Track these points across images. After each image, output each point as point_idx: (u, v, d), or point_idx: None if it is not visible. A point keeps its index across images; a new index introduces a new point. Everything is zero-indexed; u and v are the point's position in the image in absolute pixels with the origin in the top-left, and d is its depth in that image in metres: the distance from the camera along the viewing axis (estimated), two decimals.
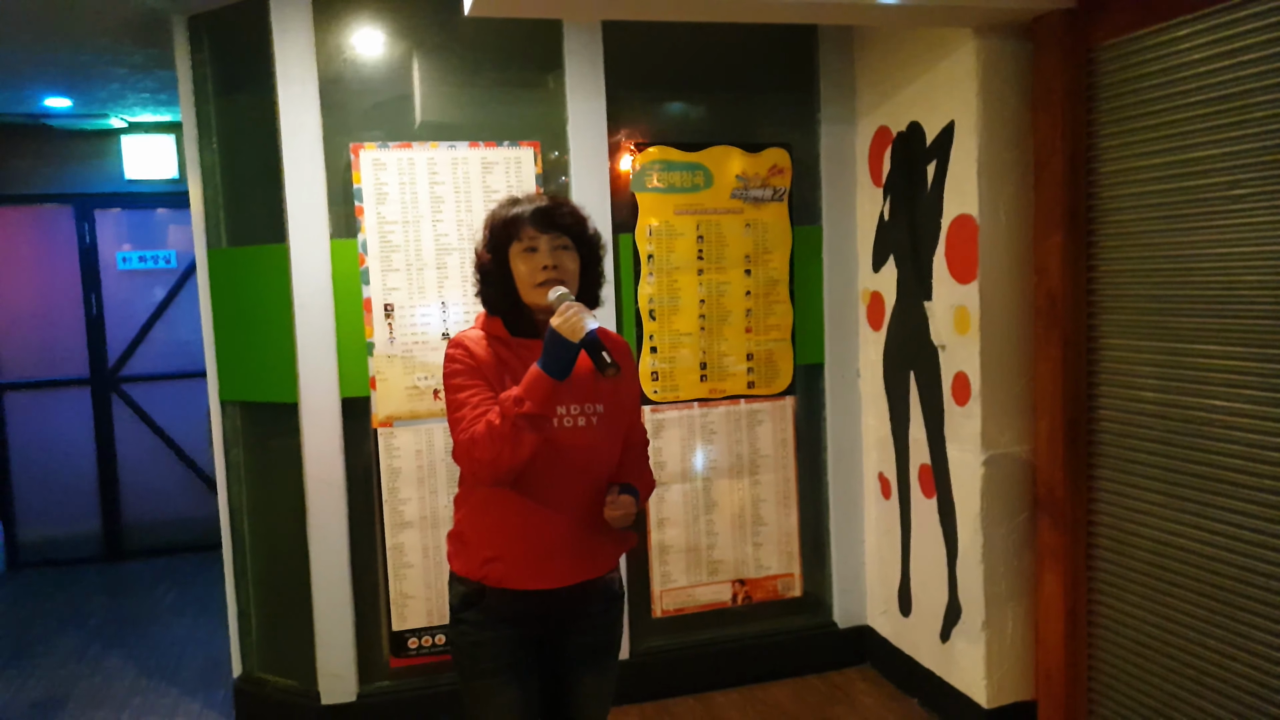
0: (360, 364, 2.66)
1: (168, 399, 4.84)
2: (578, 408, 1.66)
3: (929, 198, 2.66)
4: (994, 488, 2.53)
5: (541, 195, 1.71)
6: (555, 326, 1.55)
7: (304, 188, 2.60)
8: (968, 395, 2.55)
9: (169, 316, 4.86)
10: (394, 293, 2.66)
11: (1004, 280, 2.49)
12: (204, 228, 2.78)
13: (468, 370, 1.65)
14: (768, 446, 3.04)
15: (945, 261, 2.62)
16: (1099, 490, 2.40)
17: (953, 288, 2.59)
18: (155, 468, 4.85)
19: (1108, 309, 2.33)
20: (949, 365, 2.63)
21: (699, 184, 2.91)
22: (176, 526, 4.86)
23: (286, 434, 2.72)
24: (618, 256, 2.85)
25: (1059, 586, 2.47)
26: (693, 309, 2.94)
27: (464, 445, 1.58)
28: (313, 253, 2.61)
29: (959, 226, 2.55)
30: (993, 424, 2.51)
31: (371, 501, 2.71)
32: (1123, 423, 2.31)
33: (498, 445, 1.54)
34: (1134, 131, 2.21)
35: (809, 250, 3.04)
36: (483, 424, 1.57)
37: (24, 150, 4.58)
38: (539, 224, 1.66)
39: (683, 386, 2.95)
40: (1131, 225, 2.24)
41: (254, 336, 2.74)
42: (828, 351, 3.07)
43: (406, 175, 2.65)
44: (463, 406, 1.62)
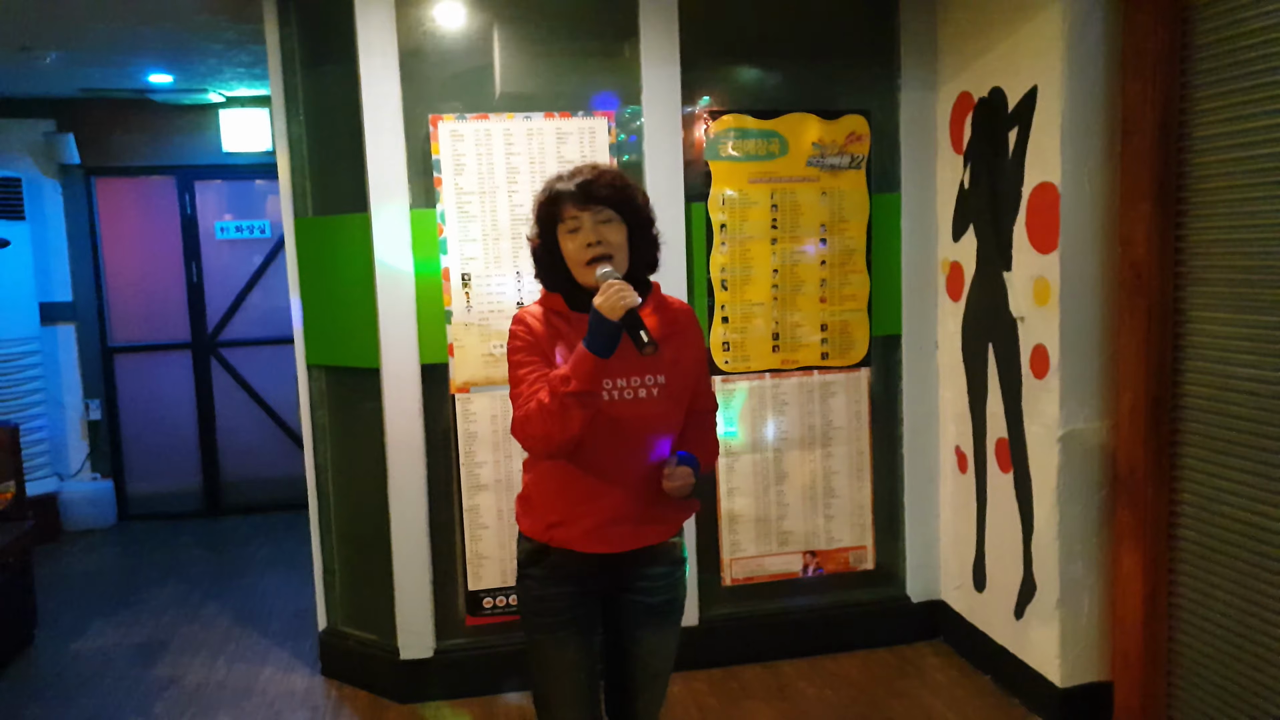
0: (439, 331, 2.72)
1: (262, 363, 5.10)
2: (639, 379, 1.67)
3: (1010, 165, 2.62)
4: (1072, 464, 2.50)
5: (585, 169, 1.69)
6: (596, 305, 1.57)
7: (385, 158, 2.65)
8: (1046, 368, 2.52)
9: (263, 284, 5.10)
10: (471, 262, 2.72)
11: (1086, 251, 2.45)
12: (291, 197, 2.87)
13: (527, 346, 1.68)
14: (841, 418, 3.05)
15: (1026, 231, 2.58)
16: (1182, 469, 2.34)
17: (1033, 258, 2.55)
18: (251, 429, 5.13)
19: (1196, 280, 2.26)
20: (1028, 337, 2.60)
21: (774, 152, 2.90)
22: (270, 485, 5.13)
23: (369, 398, 2.80)
24: (690, 226, 2.86)
25: (1138, 567, 2.43)
26: (765, 279, 2.95)
27: (519, 422, 1.63)
28: (393, 222, 2.67)
29: (1040, 195, 2.51)
30: (1072, 398, 2.48)
31: (449, 464, 2.79)
32: (1210, 399, 2.25)
33: (548, 423, 1.58)
34: (1230, 94, 2.13)
35: (887, 219, 3.02)
36: (534, 402, 1.60)
37: (130, 124, 4.84)
38: (579, 200, 1.65)
39: (754, 357, 2.97)
40: (1224, 193, 2.17)
41: (338, 303, 2.82)
42: (905, 323, 3.06)
43: (483, 146, 2.70)
44: (520, 383, 1.66)
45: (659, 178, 2.80)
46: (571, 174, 1.70)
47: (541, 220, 1.70)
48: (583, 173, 1.69)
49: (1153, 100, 2.26)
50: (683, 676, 2.94)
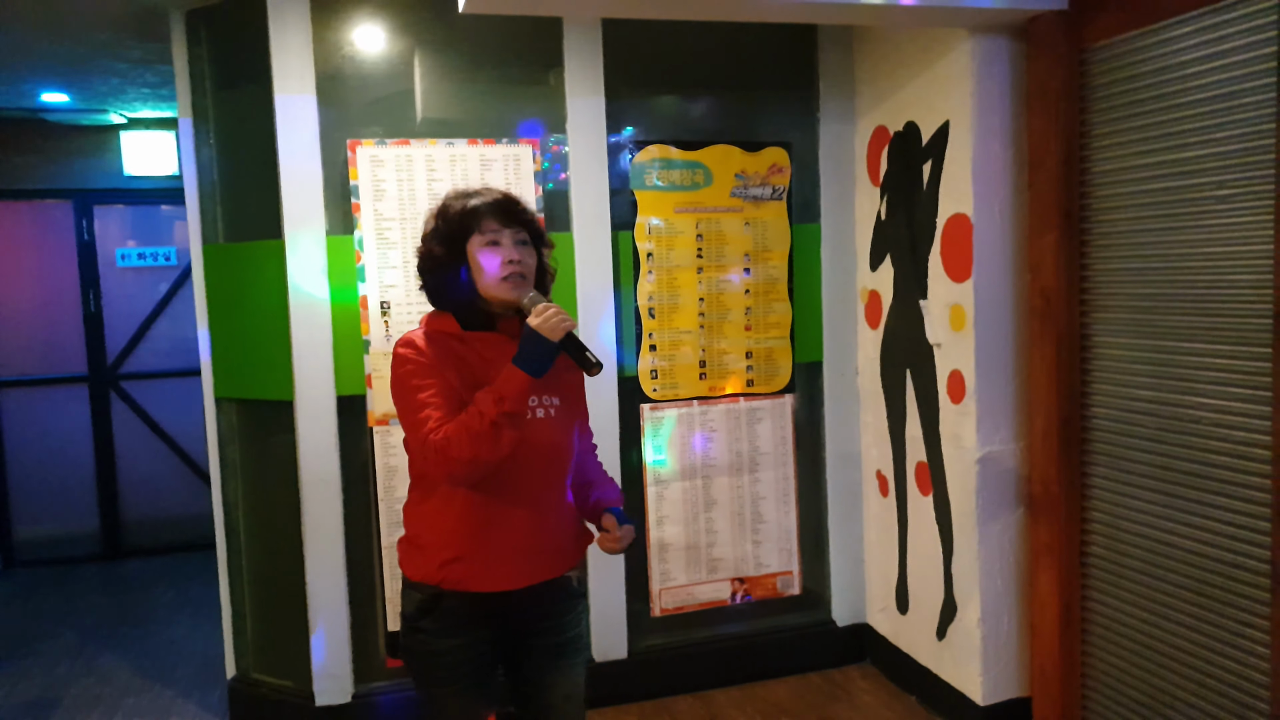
0: (356, 362, 2.68)
1: (167, 396, 4.91)
2: (536, 399, 1.67)
3: (925, 197, 2.70)
4: (989, 485, 2.57)
5: (490, 189, 1.70)
6: (535, 326, 1.56)
7: (300, 183, 2.62)
8: (963, 393, 2.59)
9: (170, 313, 4.92)
10: (390, 290, 2.69)
11: (998, 278, 2.53)
12: (200, 223, 2.79)
13: (425, 368, 1.62)
14: (767, 444, 3.08)
15: (941, 260, 2.65)
16: (1092, 488, 2.44)
17: (948, 286, 2.63)
18: (154, 465, 4.92)
19: (1100, 307, 2.37)
20: (944, 363, 2.67)
21: (699, 182, 2.94)
22: (175, 524, 4.93)
23: (282, 431, 2.74)
24: (617, 254, 2.88)
25: (1053, 583, 2.51)
26: (692, 307, 2.98)
27: (437, 446, 1.55)
28: (309, 249, 2.63)
29: (954, 225, 2.59)
30: (987, 421, 2.56)
31: (368, 500, 2.74)
32: (1115, 420, 2.35)
33: (477, 444, 1.53)
34: (1126, 131, 2.26)
35: (808, 249, 3.08)
36: (457, 423, 1.55)
37: (23, 145, 4.64)
38: (501, 217, 1.65)
39: (682, 384, 3.00)
40: (1124, 224, 2.29)
41: (249, 333, 2.76)
42: (826, 350, 3.11)
43: (404, 172, 2.68)
44: (423, 407, 1.59)
45: (585, 205, 2.82)
46: (482, 191, 1.69)
47: (451, 227, 1.66)
48: (493, 192, 1.69)
49: (1056, 136, 2.38)
50: (613, 711, 2.91)
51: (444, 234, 1.67)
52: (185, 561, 4.76)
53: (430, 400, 1.59)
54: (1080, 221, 2.40)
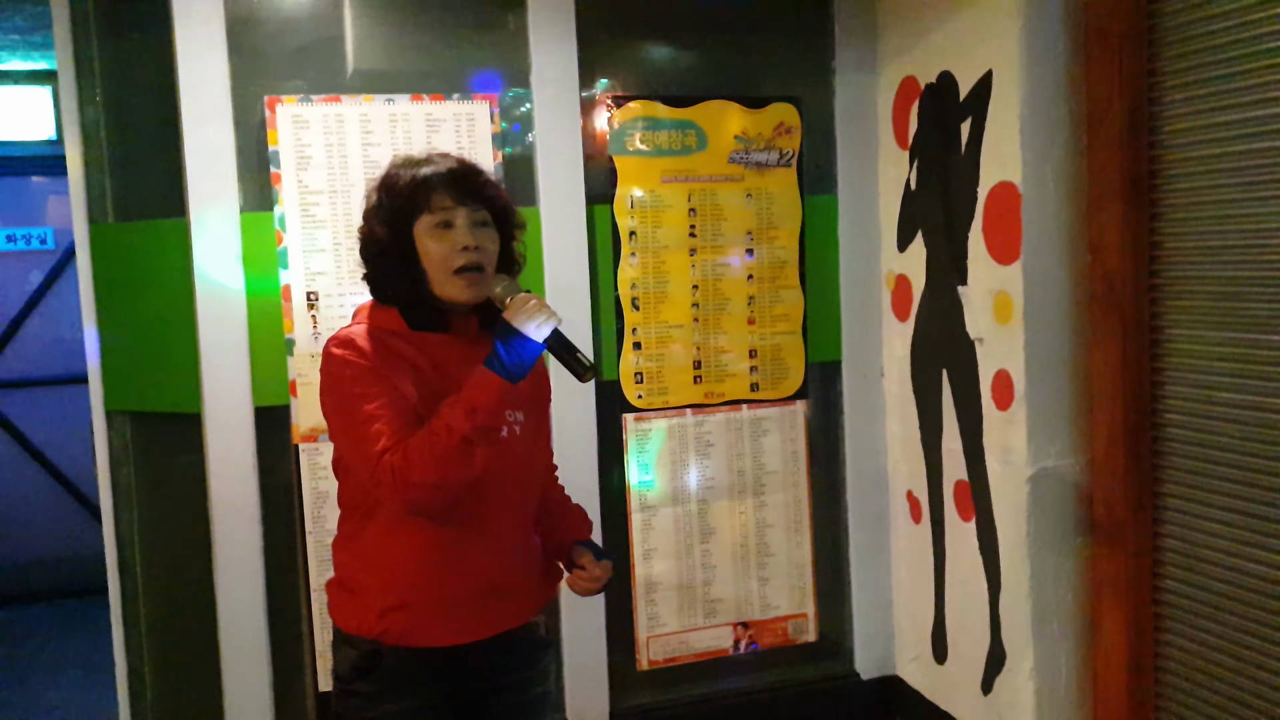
0: (278, 365, 2.67)
1: (45, 410, 4.84)
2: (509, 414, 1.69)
3: (963, 162, 2.70)
4: (1043, 508, 2.57)
5: (443, 157, 1.69)
6: (515, 322, 1.56)
7: (208, 150, 2.60)
8: (1010, 398, 2.58)
9: (45, 308, 4.87)
10: (319, 278, 2.69)
11: (1052, 260, 2.52)
12: (85, 199, 2.75)
13: (369, 373, 1.61)
14: (775, 461, 3.10)
15: (983, 238, 2.65)
16: (1166, 510, 2.44)
17: (992, 269, 2.62)
18: (29, 494, 4.85)
19: (1175, 294, 2.36)
20: (988, 362, 2.66)
21: (690, 145, 2.95)
22: (56, 565, 4.86)
23: (188, 451, 2.72)
24: (593, 233, 2.88)
25: (1120, 625, 2.51)
26: (684, 296, 2.99)
27: (394, 467, 1.54)
28: (219, 229, 2.62)
29: (999, 196, 2.58)
30: (1040, 431, 2.55)
31: (293, 532, 2.73)
32: (1193, 429, 2.35)
33: (445, 465, 1.52)
34: (1204, 83, 2.24)
35: (823, 225, 3.09)
36: (418, 440, 1.54)
37: None
38: (455, 192, 1.64)
39: (673, 390, 3.01)
40: (1203, 194, 2.28)
41: (148, 332, 2.75)
42: (845, 346, 3.12)
43: (334, 135, 2.67)
44: (374, 419, 1.58)
45: (554, 175, 2.82)
46: (436, 158, 1.69)
47: (395, 204, 1.66)
48: (448, 159, 1.68)
49: (1120, 88, 2.37)
50: None
51: (387, 211, 1.66)
52: (70, 609, 4.69)
53: (379, 412, 1.58)
54: (1150, 191, 2.39)
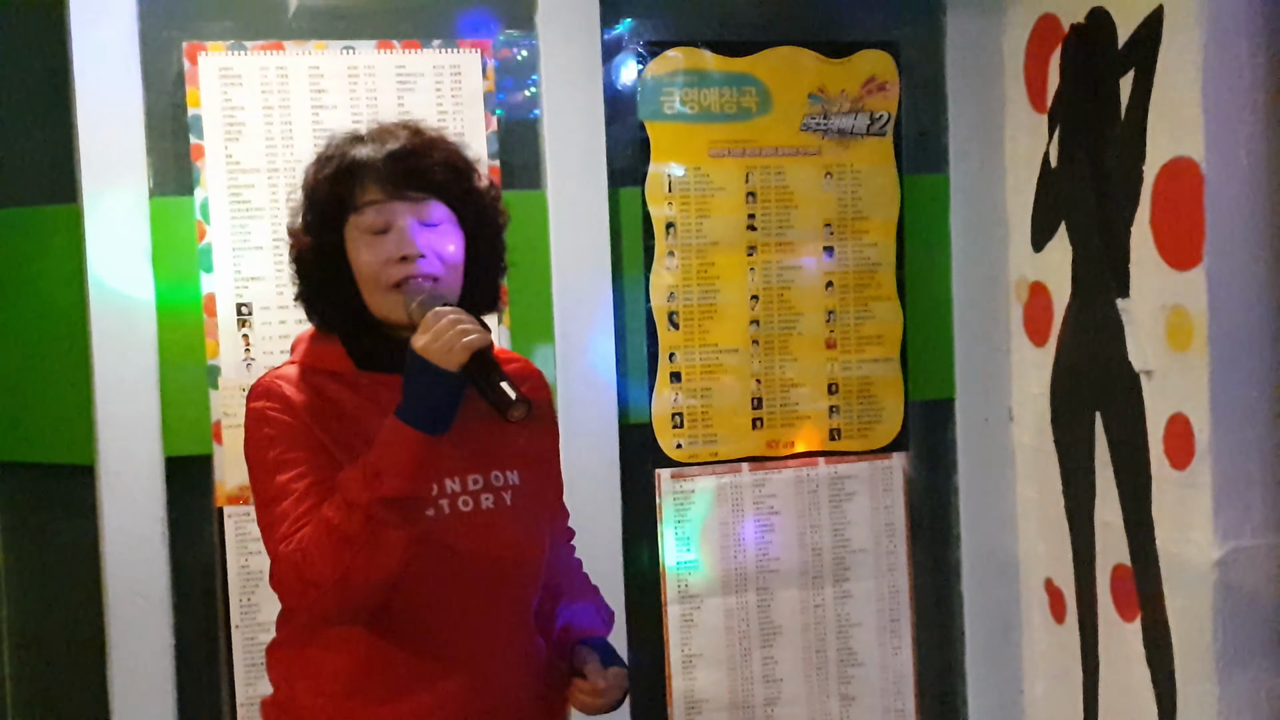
0: (197, 401, 2.68)
1: None
2: (477, 478, 1.70)
3: (1124, 131, 2.67)
4: (1234, 605, 2.51)
5: (397, 129, 1.74)
6: (420, 349, 1.57)
7: (107, 114, 2.61)
8: (1190, 452, 2.54)
9: None
10: (254, 285, 2.69)
11: (1246, 264, 2.47)
12: None
13: (289, 434, 1.66)
14: (863, 536, 3.06)
15: (1151, 234, 2.61)
16: None
17: (1164, 276, 2.58)
18: None
19: None
20: (1159, 402, 2.63)
21: (749, 108, 2.93)
22: None
23: (75, 514, 2.72)
24: (617, 225, 2.88)
25: None
26: (740, 309, 2.97)
27: (289, 562, 1.59)
28: (121, 219, 2.63)
29: (1173, 177, 2.54)
30: (1231, 499, 2.49)
31: (214, 626, 2.72)
32: None
33: (344, 556, 1.55)
34: None
35: (929, 215, 3.07)
36: (314, 523, 1.58)
37: None
38: (391, 181, 1.68)
39: (724, 437, 2.98)
40: None
41: (24, 356, 2.75)
42: (960, 380, 3.11)
43: (275, 94, 2.68)
44: (282, 497, 1.63)
45: (566, 147, 2.83)
46: (376, 135, 1.74)
47: (319, 203, 1.72)
48: (395, 135, 1.72)
49: None
50: None
51: (310, 212, 1.73)
52: None
53: (290, 487, 1.64)
54: None
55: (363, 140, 1.72)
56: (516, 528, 1.74)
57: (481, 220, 1.78)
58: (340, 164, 1.70)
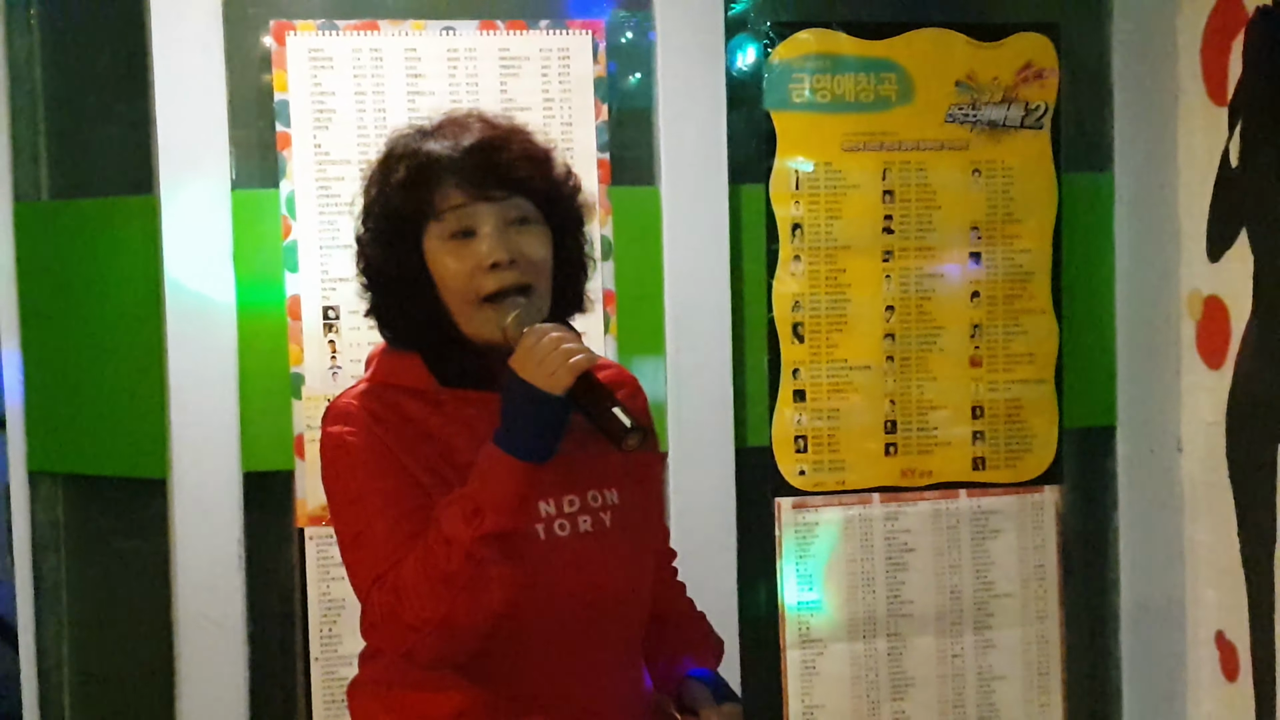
0: (279, 413, 2.64)
1: None
2: (574, 499, 1.69)
3: None
4: None
5: (467, 120, 1.73)
6: (523, 373, 1.55)
7: (186, 99, 2.56)
8: None
9: None
10: (341, 286, 2.62)
11: None
12: (8, 166, 2.76)
13: (370, 462, 1.65)
14: (1009, 579, 2.95)
15: None
16: None
17: None
18: None
19: None
20: None
21: (888, 97, 2.84)
22: None
23: (144, 533, 2.70)
24: (738, 226, 2.81)
25: None
26: (874, 322, 2.88)
27: (384, 604, 1.58)
28: (200, 214, 2.59)
29: None
30: None
31: (292, 657, 2.69)
32: None
33: (445, 596, 1.54)
34: None
35: (1090, 219, 2.97)
36: (409, 562, 1.57)
37: None
38: (472, 181, 1.65)
39: (853, 464, 2.89)
40: None
41: (91, 360, 2.74)
42: (1122, 405, 2.99)
43: (368, 79, 2.64)
44: (370, 533, 1.63)
45: (683, 139, 2.75)
46: (445, 128, 1.72)
47: (391, 208, 1.70)
48: (467, 127, 1.71)
49: None
50: None
51: (381, 220, 1.71)
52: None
53: (379, 520, 1.63)
54: None
55: (431, 135, 1.71)
56: (619, 553, 1.72)
57: (567, 215, 1.76)
58: (413, 166, 1.68)
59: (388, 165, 1.72)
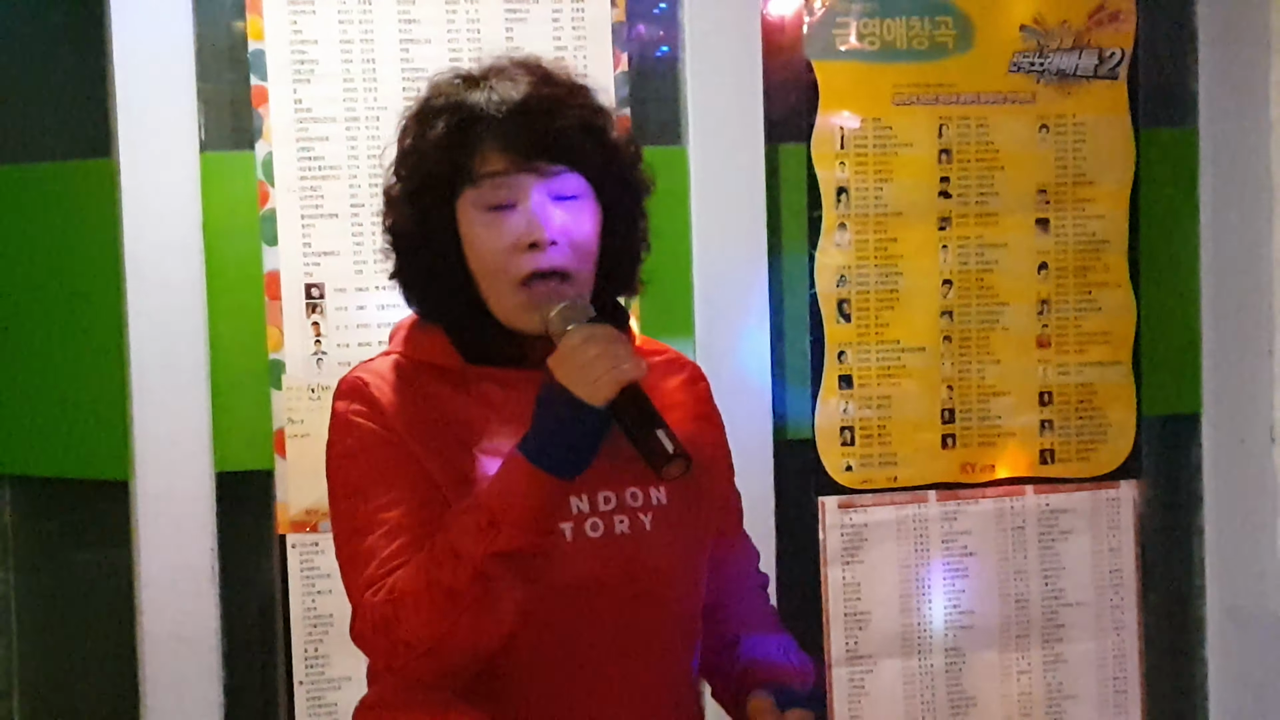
0: (256, 405, 2.59)
1: None
2: (609, 497, 1.64)
3: None
4: None
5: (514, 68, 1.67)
6: (559, 373, 1.50)
7: (149, 50, 2.51)
8: None
9: None
10: (327, 261, 2.59)
11: None
12: None
13: (375, 449, 1.63)
14: (1081, 585, 2.93)
15: None
16: None
17: None
18: None
19: None
20: None
21: (944, 44, 2.82)
22: None
23: (105, 541, 2.67)
24: (775, 190, 2.77)
25: None
26: (929, 299, 2.86)
27: (377, 614, 1.54)
28: (165, 179, 2.52)
29: None
30: None
31: (273, 680, 2.64)
32: None
33: (448, 614, 1.50)
34: None
35: (1173, 181, 2.97)
36: (411, 570, 1.53)
37: None
38: (516, 147, 1.60)
39: (906, 458, 2.87)
40: None
41: (43, 347, 2.70)
42: (1209, 391, 2.99)
43: (355, 25, 2.58)
44: (369, 530, 1.59)
45: (713, 94, 2.72)
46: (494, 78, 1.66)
47: (425, 172, 1.66)
48: (517, 81, 1.65)
49: None
50: None
51: (417, 177, 1.67)
52: None
53: (381, 516, 1.59)
54: None
55: (477, 84, 1.63)
56: (658, 562, 1.65)
57: (623, 190, 1.68)
58: (452, 121, 1.61)
59: (425, 117, 1.66)
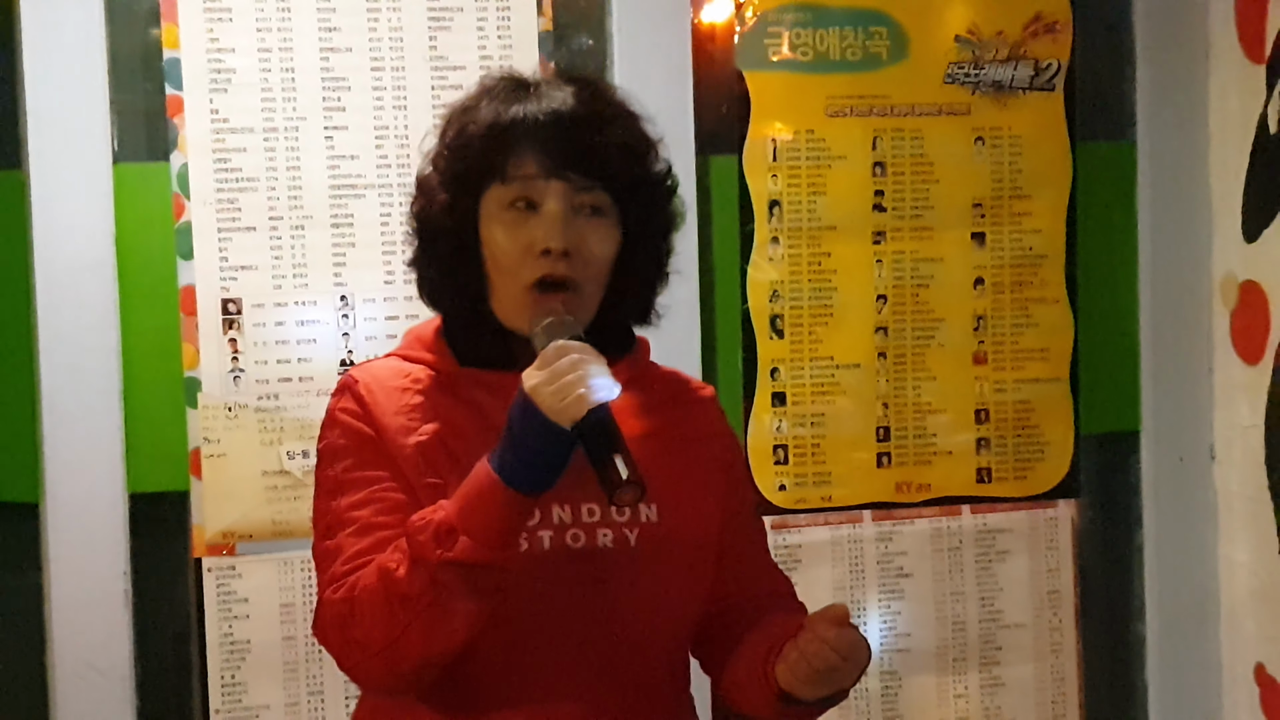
0: (172, 424, 2.59)
1: None
2: (593, 509, 1.63)
3: None
4: None
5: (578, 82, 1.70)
6: (530, 389, 1.49)
7: (60, 60, 2.52)
8: None
9: None
10: (244, 275, 2.60)
11: None
12: None
13: (356, 448, 1.64)
14: (1020, 607, 2.95)
15: None
16: None
17: None
18: None
19: None
20: None
21: (879, 55, 2.84)
22: None
23: (15, 567, 2.65)
24: (706, 203, 2.79)
25: None
26: (863, 314, 2.87)
27: (335, 611, 1.56)
28: (77, 191, 2.53)
29: None
30: None
31: (188, 711, 2.64)
32: None
33: (399, 617, 1.50)
34: None
35: (1109, 194, 2.97)
36: (371, 571, 1.54)
37: None
38: (551, 156, 1.61)
39: (840, 478, 2.87)
40: None
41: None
42: (1147, 408, 2.99)
43: (274, 33, 2.60)
44: (339, 528, 1.61)
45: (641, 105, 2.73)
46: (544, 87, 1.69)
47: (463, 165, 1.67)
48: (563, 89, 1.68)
49: None
50: None
51: (456, 168, 1.69)
52: None
53: (352, 515, 1.62)
54: None
55: (527, 89, 1.66)
56: (641, 582, 1.64)
57: (649, 217, 1.70)
58: (495, 119, 1.64)
59: (470, 112, 1.69)
